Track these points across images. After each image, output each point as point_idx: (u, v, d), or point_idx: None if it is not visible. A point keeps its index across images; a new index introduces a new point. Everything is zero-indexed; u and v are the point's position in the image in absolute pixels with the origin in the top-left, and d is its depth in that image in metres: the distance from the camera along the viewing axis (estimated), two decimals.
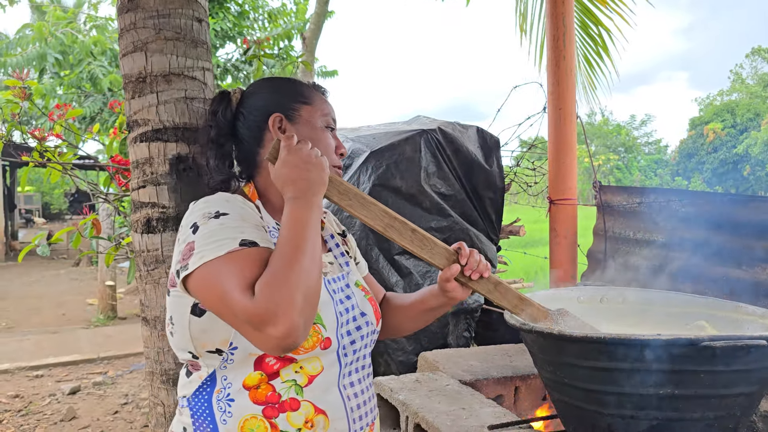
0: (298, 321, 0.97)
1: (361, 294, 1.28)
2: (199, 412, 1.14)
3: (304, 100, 1.30)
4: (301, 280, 1.00)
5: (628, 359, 1.46)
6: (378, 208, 1.25)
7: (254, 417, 1.11)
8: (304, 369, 1.13)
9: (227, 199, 1.16)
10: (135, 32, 1.72)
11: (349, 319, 1.21)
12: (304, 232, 1.05)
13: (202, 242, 1.07)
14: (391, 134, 3.33)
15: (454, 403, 2.13)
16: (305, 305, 0.99)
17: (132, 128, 1.76)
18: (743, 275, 2.35)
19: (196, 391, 1.15)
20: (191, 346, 1.14)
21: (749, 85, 40.39)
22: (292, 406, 1.12)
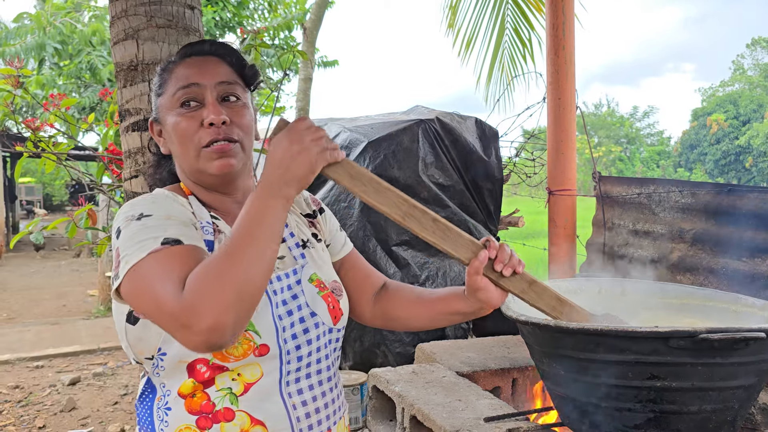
0: (225, 319, 0.89)
1: (314, 291, 1.15)
2: (143, 420, 1.11)
3: (159, 91, 1.18)
4: (237, 274, 0.91)
5: (626, 351, 1.45)
6: (395, 194, 1.13)
7: (188, 427, 1.05)
8: (241, 376, 1.06)
9: (153, 200, 1.09)
10: (126, 20, 1.70)
11: (294, 321, 1.10)
12: (256, 224, 0.96)
13: (125, 246, 1.00)
14: (389, 124, 3.31)
15: (451, 394, 2.12)
16: (237, 302, 0.90)
17: (124, 117, 1.74)
18: (743, 266, 2.33)
19: (140, 398, 1.13)
20: (131, 353, 1.10)
21: (750, 76, 40.22)
22: (226, 417, 1.05)
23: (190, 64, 1.16)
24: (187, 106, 1.13)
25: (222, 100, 1.14)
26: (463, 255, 1.15)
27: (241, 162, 1.14)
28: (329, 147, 1.03)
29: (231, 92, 1.15)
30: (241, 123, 1.14)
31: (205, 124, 1.11)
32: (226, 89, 1.15)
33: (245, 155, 1.15)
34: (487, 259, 1.14)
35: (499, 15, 4.30)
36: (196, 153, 1.11)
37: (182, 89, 1.13)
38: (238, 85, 1.17)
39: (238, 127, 1.13)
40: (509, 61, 4.44)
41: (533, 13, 4.20)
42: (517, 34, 4.33)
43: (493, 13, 4.31)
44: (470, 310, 1.22)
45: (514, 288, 1.18)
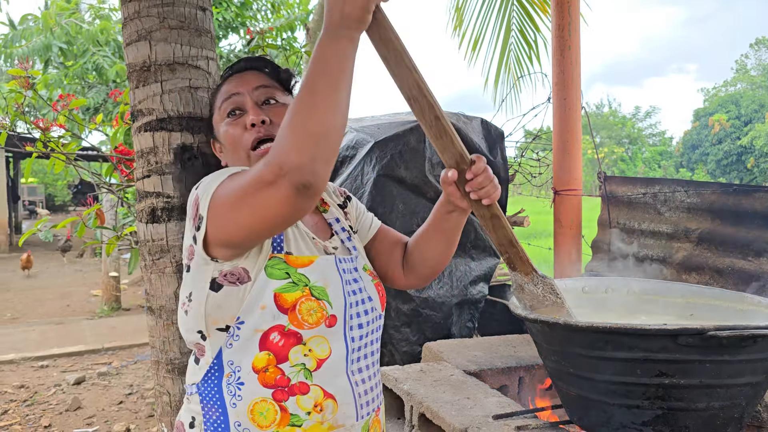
0: (302, 159, 0.93)
1: (369, 278, 1.26)
2: (208, 398, 1.15)
3: (211, 112, 1.33)
4: (307, 115, 0.95)
5: (634, 349, 1.46)
6: (412, 76, 1.12)
7: (264, 400, 1.11)
8: (312, 352, 1.12)
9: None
10: (139, 21, 1.71)
11: (358, 301, 1.20)
12: (323, 71, 0.98)
13: (203, 189, 1.09)
14: (396, 124, 3.32)
15: (459, 392, 2.14)
16: (312, 144, 0.94)
17: (136, 118, 1.76)
18: (749, 266, 2.34)
19: (205, 377, 1.15)
20: (203, 323, 1.14)
21: (753, 76, 40.17)
22: (302, 390, 1.11)
23: (230, 81, 1.30)
24: (233, 115, 1.26)
25: (263, 104, 1.27)
26: (447, 159, 1.20)
27: None
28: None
29: (270, 95, 1.28)
30: None
31: (247, 126, 1.23)
32: (265, 93, 1.27)
33: None
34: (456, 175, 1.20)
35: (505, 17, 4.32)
36: (246, 156, 1.23)
37: (226, 101, 1.28)
38: (276, 89, 1.30)
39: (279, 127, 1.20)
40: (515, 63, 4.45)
41: (538, 15, 4.23)
42: (523, 36, 4.34)
43: (499, 15, 4.33)
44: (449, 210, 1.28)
45: (477, 211, 1.25)
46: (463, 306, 3.35)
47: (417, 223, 3.22)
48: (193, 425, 1.17)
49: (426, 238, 1.36)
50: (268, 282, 1.10)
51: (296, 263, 1.13)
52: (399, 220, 3.16)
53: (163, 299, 1.77)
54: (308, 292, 1.12)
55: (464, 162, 1.20)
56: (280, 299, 1.09)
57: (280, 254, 1.13)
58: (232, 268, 1.11)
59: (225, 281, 1.11)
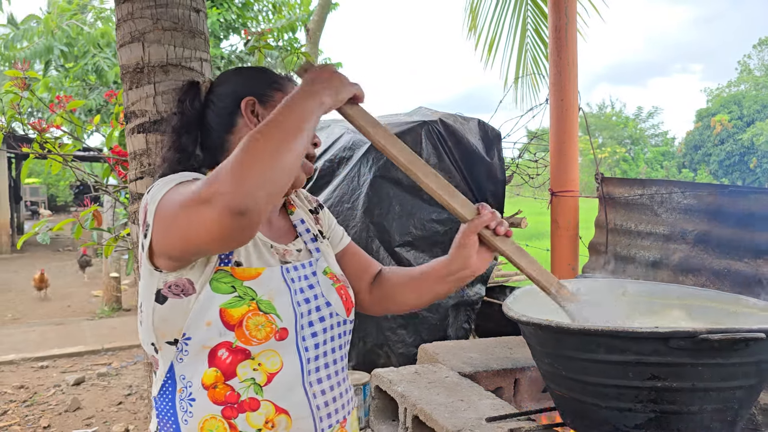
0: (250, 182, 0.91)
1: (329, 283, 1.22)
2: (163, 412, 1.13)
3: (278, 86, 1.26)
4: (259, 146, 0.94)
5: (626, 352, 1.45)
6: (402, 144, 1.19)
7: (213, 417, 1.08)
8: (262, 366, 1.09)
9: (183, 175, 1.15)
10: (132, 22, 1.71)
11: (311, 309, 1.16)
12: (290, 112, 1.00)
13: (151, 195, 1.06)
14: (393, 126, 3.32)
15: (453, 395, 2.13)
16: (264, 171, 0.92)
17: (129, 119, 1.76)
18: (745, 268, 2.33)
19: (160, 391, 1.14)
20: (153, 336, 1.12)
21: (756, 77, 40.10)
22: (252, 406, 1.08)
23: None
24: None
25: None
26: (463, 211, 1.23)
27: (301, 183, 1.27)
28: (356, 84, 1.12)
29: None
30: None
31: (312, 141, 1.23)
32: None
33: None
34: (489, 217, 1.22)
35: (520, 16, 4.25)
36: None
37: None
38: None
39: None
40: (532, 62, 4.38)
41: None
42: (538, 35, 4.26)
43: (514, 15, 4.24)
44: (450, 273, 1.28)
45: (505, 247, 1.26)
46: (460, 308, 3.35)
47: (413, 224, 3.22)
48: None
49: (414, 287, 1.36)
50: (214, 297, 1.07)
51: (243, 276, 1.10)
52: (395, 221, 3.16)
53: None
54: (255, 307, 1.08)
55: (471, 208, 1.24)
56: (226, 315, 1.06)
57: (227, 266, 1.10)
58: (176, 279, 1.08)
59: (169, 293, 1.08)
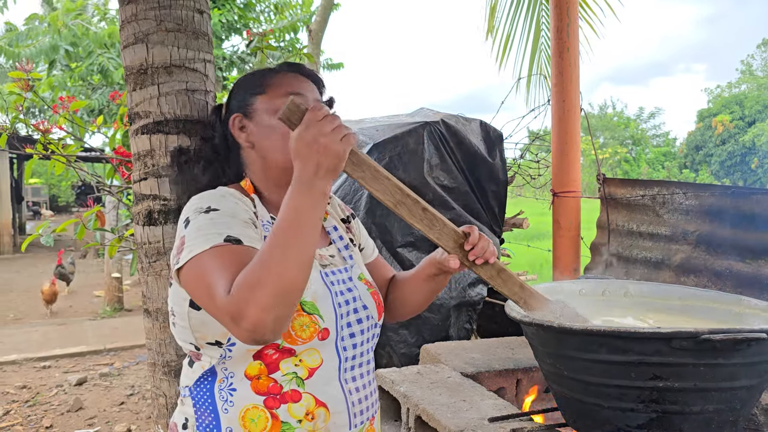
0: (265, 318, 0.96)
1: (364, 288, 1.27)
2: (201, 402, 1.15)
3: (257, 90, 1.27)
4: (275, 277, 0.97)
5: (628, 352, 1.46)
6: (391, 182, 1.19)
7: (255, 407, 1.11)
8: (303, 362, 1.13)
9: (222, 195, 1.17)
10: (136, 24, 1.72)
11: (350, 311, 1.20)
12: (296, 219, 1.01)
13: (191, 236, 1.09)
14: (395, 126, 3.32)
15: (456, 395, 2.14)
16: (276, 304, 0.97)
17: (133, 120, 1.77)
18: (746, 268, 2.34)
19: (198, 381, 1.16)
20: (192, 338, 1.16)
21: (759, 77, 40.04)
22: (294, 398, 1.12)
23: (296, 78, 1.29)
24: None
25: None
26: (446, 243, 1.27)
27: None
28: (347, 132, 1.07)
29: None
30: None
31: None
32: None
33: None
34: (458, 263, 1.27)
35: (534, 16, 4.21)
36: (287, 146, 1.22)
37: (294, 94, 1.23)
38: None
39: None
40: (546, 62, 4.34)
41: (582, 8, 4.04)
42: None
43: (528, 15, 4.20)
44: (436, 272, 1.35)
45: (484, 273, 1.32)
46: (462, 308, 3.36)
47: None
48: (186, 426, 1.18)
49: (410, 289, 1.41)
50: None
51: None
52: (397, 222, 3.17)
53: (159, 302, 1.78)
54: (299, 308, 1.12)
55: (459, 237, 1.27)
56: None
57: None
58: None
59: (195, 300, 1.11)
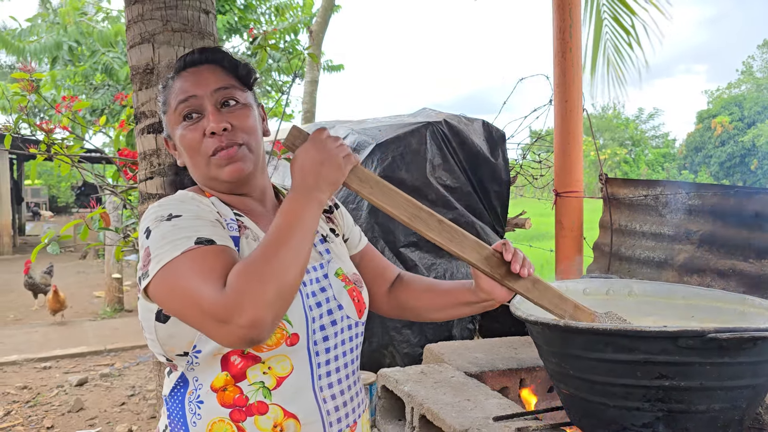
0: (266, 315, 0.93)
1: (340, 285, 1.19)
2: (174, 413, 1.12)
3: (164, 109, 1.22)
4: (277, 274, 0.95)
5: (634, 351, 1.46)
6: (401, 197, 1.16)
7: (222, 420, 1.07)
8: (272, 369, 1.08)
9: (182, 199, 1.11)
10: (142, 24, 1.72)
11: (323, 313, 1.14)
12: (294, 226, 1.00)
13: (156, 245, 1.02)
14: (397, 126, 3.33)
15: (460, 394, 2.14)
16: (276, 300, 0.95)
17: (139, 120, 1.77)
18: (750, 268, 2.34)
19: (171, 391, 1.13)
20: (161, 350, 1.11)
21: (758, 78, 40.08)
22: (260, 410, 1.07)
23: (185, 78, 1.18)
24: (190, 119, 1.16)
25: (222, 106, 1.16)
26: (469, 256, 1.21)
27: (251, 163, 1.17)
28: (350, 151, 1.08)
29: (229, 96, 1.17)
30: (244, 125, 1.16)
31: (207, 134, 1.13)
32: (224, 95, 1.17)
33: (254, 155, 1.18)
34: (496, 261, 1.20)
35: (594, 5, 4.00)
36: (205, 162, 1.15)
37: (182, 103, 1.16)
38: (235, 88, 1.19)
39: (241, 131, 1.15)
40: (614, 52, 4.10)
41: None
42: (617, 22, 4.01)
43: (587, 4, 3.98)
44: (477, 300, 1.28)
45: (519, 287, 1.24)
46: None
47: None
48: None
49: (436, 304, 1.36)
50: None
51: None
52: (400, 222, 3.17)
53: None
54: None
55: (483, 248, 1.21)
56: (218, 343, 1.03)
57: None
58: None
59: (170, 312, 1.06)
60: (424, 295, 1.37)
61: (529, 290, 1.26)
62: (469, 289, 1.29)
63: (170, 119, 1.20)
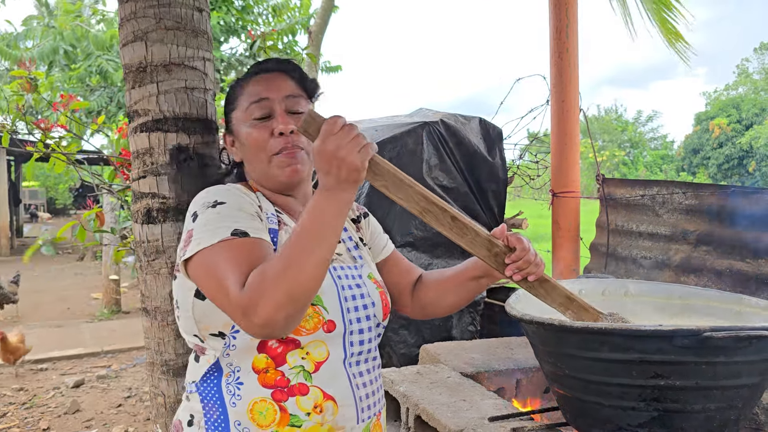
0: (277, 316, 0.99)
1: (373, 286, 1.27)
2: (208, 397, 1.15)
3: (231, 106, 1.31)
4: (291, 276, 0.99)
5: (629, 350, 1.45)
6: (414, 190, 1.17)
7: (263, 400, 1.11)
8: (310, 355, 1.13)
9: (228, 189, 1.19)
10: (135, 21, 1.72)
11: (358, 306, 1.21)
12: (319, 225, 1.03)
13: (199, 230, 1.11)
14: (393, 126, 3.32)
15: (455, 395, 2.13)
16: (288, 302, 0.99)
17: (132, 118, 1.76)
18: (747, 268, 2.34)
19: (204, 376, 1.16)
20: (196, 329, 1.16)
21: (755, 80, 40.16)
22: (302, 391, 1.12)
23: (259, 81, 1.28)
24: (259, 119, 1.25)
25: (288, 113, 1.26)
26: (479, 252, 1.23)
27: (307, 168, 1.26)
28: (365, 143, 1.07)
29: (297, 105, 1.27)
30: None
31: (275, 134, 1.23)
32: (293, 102, 1.27)
33: (310, 162, 1.26)
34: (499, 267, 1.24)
35: None
36: (268, 160, 1.24)
37: (254, 104, 1.25)
38: (302, 98, 1.29)
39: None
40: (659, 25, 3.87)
41: None
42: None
43: None
44: (481, 274, 1.34)
45: (524, 285, 1.28)
46: (463, 309, 3.35)
47: (414, 225, 3.22)
48: (192, 423, 1.17)
49: (446, 289, 1.40)
50: None
51: None
52: (396, 221, 3.16)
53: (158, 300, 1.77)
54: None
55: (493, 246, 1.23)
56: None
57: None
58: None
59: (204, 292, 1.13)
60: (436, 284, 1.42)
61: (532, 287, 1.29)
62: (473, 263, 1.34)
63: (238, 117, 1.28)
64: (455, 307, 1.44)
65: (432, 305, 1.43)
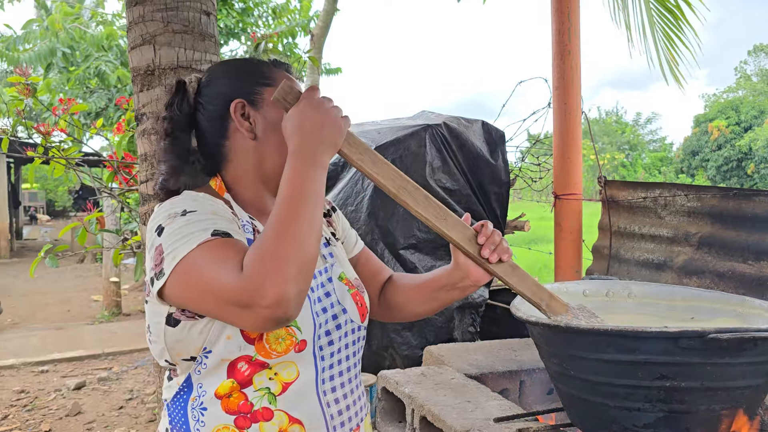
0: (290, 290, 0.91)
1: (344, 289, 1.19)
2: (176, 419, 1.11)
3: (267, 81, 1.17)
4: (295, 249, 0.93)
5: (635, 351, 1.46)
6: (390, 168, 1.15)
7: (226, 427, 1.06)
8: (278, 375, 1.07)
9: (194, 198, 1.08)
10: (143, 25, 1.73)
11: (328, 318, 1.13)
12: (303, 190, 0.98)
13: (169, 242, 1.00)
14: (396, 129, 3.33)
15: (460, 396, 2.14)
16: (299, 274, 0.93)
17: (140, 121, 1.77)
18: (749, 270, 2.35)
19: (174, 397, 1.12)
20: (167, 355, 1.09)
21: (754, 83, 40.25)
22: (265, 416, 1.06)
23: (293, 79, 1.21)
24: None
25: None
26: (453, 235, 1.19)
27: None
28: (346, 113, 1.06)
29: None
30: None
31: None
32: None
33: None
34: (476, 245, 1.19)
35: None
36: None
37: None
38: None
39: None
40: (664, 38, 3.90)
41: None
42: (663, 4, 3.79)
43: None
44: (454, 282, 1.26)
45: (499, 271, 1.23)
46: (465, 310, 3.36)
47: (417, 227, 3.23)
48: None
49: (418, 295, 1.34)
50: None
51: None
52: (400, 224, 3.17)
53: None
54: None
55: (467, 229, 1.21)
56: (246, 330, 1.03)
57: None
58: None
59: (182, 316, 1.04)
60: (407, 289, 1.36)
61: (508, 274, 1.26)
62: (446, 271, 1.28)
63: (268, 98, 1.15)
64: (423, 315, 1.38)
65: (399, 309, 1.37)
